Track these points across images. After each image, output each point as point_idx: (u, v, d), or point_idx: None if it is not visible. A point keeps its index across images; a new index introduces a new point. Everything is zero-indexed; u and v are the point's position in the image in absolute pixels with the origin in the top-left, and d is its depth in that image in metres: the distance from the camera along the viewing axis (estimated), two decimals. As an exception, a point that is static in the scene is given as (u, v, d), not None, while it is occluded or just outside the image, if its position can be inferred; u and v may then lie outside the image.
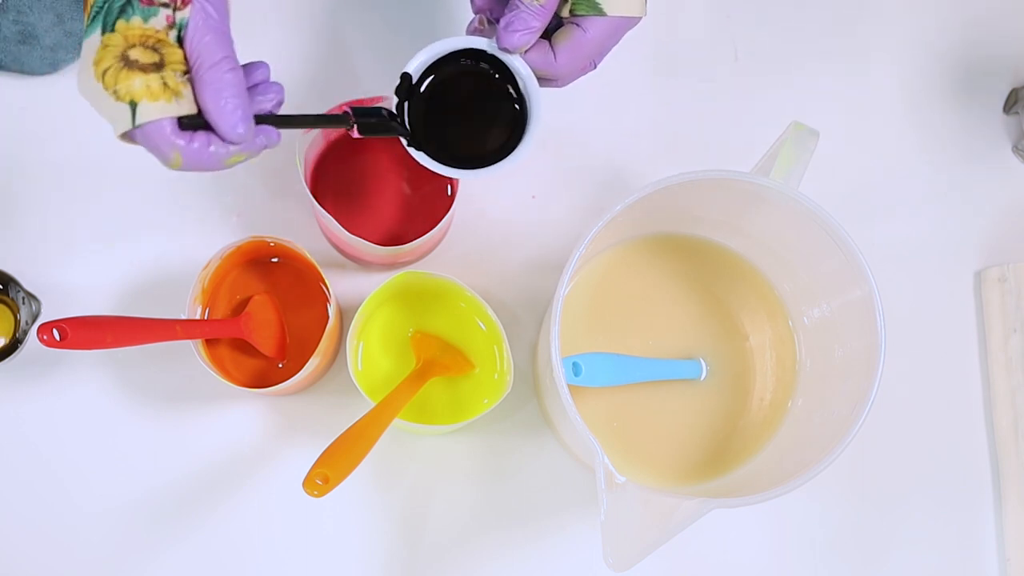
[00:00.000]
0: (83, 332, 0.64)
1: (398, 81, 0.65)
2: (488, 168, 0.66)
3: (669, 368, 0.74)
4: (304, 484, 0.59)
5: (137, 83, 0.52)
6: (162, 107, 0.53)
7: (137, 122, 0.52)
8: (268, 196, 0.81)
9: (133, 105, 0.52)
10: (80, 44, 0.79)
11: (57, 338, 0.63)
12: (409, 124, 0.65)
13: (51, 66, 0.80)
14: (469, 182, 0.78)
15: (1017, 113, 0.86)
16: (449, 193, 0.79)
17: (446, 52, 0.66)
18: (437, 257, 0.81)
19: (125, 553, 0.77)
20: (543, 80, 0.65)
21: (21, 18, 0.77)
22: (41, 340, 0.63)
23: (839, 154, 0.84)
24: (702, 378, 0.75)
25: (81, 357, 0.79)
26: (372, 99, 0.70)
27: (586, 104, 0.84)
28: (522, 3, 0.61)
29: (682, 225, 0.75)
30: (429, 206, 0.79)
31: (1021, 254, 0.85)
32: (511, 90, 0.66)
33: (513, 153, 0.66)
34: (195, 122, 0.54)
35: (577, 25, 0.63)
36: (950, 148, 0.87)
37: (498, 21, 0.63)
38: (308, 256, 0.73)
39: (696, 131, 0.85)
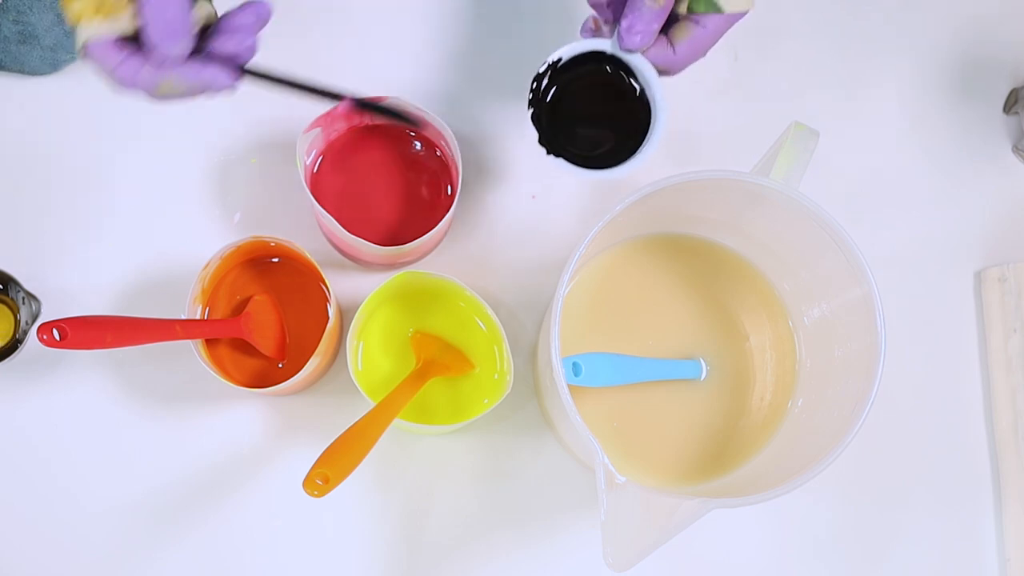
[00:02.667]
0: (83, 332, 0.65)
1: (529, 95, 0.68)
2: (623, 165, 0.68)
3: (669, 368, 0.74)
4: (304, 484, 0.59)
5: (77, 5, 0.54)
6: (98, 25, 0.54)
7: (78, 44, 0.55)
8: (268, 196, 0.81)
9: (75, 26, 0.55)
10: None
11: (57, 338, 0.63)
12: (540, 132, 0.67)
13: (51, 66, 0.80)
14: (468, 182, 0.78)
15: (1017, 113, 0.86)
16: (448, 193, 0.79)
17: (569, 57, 0.67)
18: (437, 257, 0.81)
19: (125, 553, 0.77)
20: (659, 72, 0.67)
21: (21, 18, 0.77)
22: (41, 340, 0.63)
23: (839, 154, 0.84)
24: (702, 378, 0.75)
25: (81, 357, 0.79)
26: (376, 98, 0.71)
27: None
28: (643, 4, 0.62)
29: (682, 225, 0.75)
30: (429, 206, 0.79)
31: (1021, 254, 0.85)
32: (633, 86, 0.68)
33: (643, 148, 0.68)
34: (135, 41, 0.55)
35: (696, 22, 0.65)
36: (950, 148, 0.87)
37: (612, 21, 0.65)
38: (308, 256, 0.73)
39: (696, 131, 0.85)
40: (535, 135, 0.67)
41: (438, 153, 0.79)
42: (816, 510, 0.81)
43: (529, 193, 0.83)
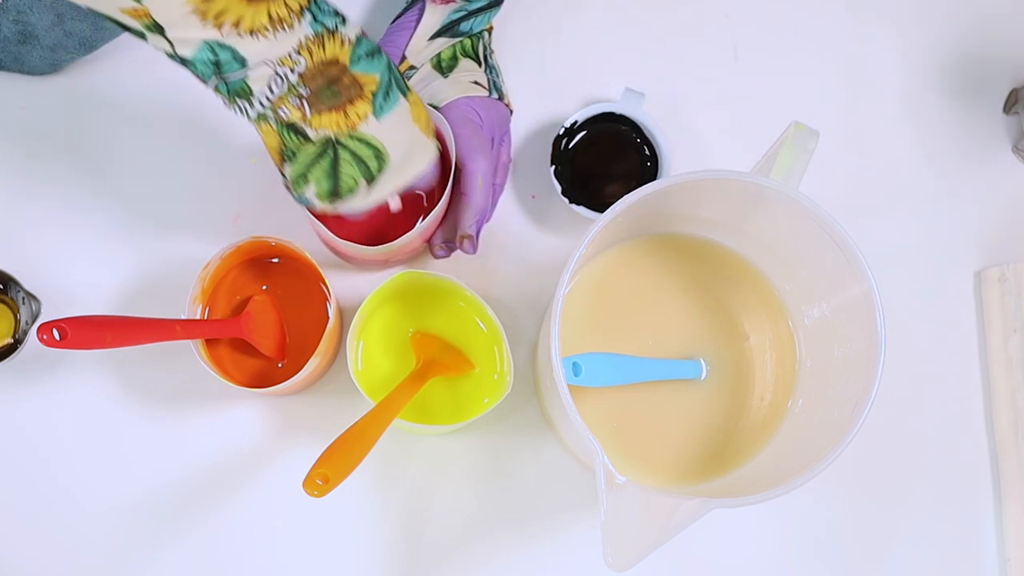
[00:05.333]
0: (83, 332, 0.65)
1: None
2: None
3: (669, 368, 0.74)
4: (304, 484, 0.59)
5: None
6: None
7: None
8: (268, 196, 0.81)
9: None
10: (80, 44, 0.79)
11: (57, 338, 0.63)
12: (562, 182, 0.79)
13: (51, 66, 0.80)
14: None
15: (1017, 113, 0.86)
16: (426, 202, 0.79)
17: (585, 118, 0.80)
18: (437, 257, 0.81)
19: (125, 553, 0.77)
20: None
21: (21, 18, 0.77)
22: (41, 340, 0.63)
23: (839, 154, 0.84)
24: (702, 378, 0.75)
25: (81, 357, 0.79)
26: None
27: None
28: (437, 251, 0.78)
29: (682, 225, 0.75)
30: (420, 203, 0.79)
31: (1021, 254, 0.85)
32: (637, 140, 0.82)
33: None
34: None
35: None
36: (950, 148, 0.87)
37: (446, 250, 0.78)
38: (308, 256, 0.73)
39: (696, 131, 0.85)
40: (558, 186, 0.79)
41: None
42: (816, 510, 0.81)
43: (529, 193, 0.83)
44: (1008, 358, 0.82)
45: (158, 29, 0.57)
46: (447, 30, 0.77)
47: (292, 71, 0.60)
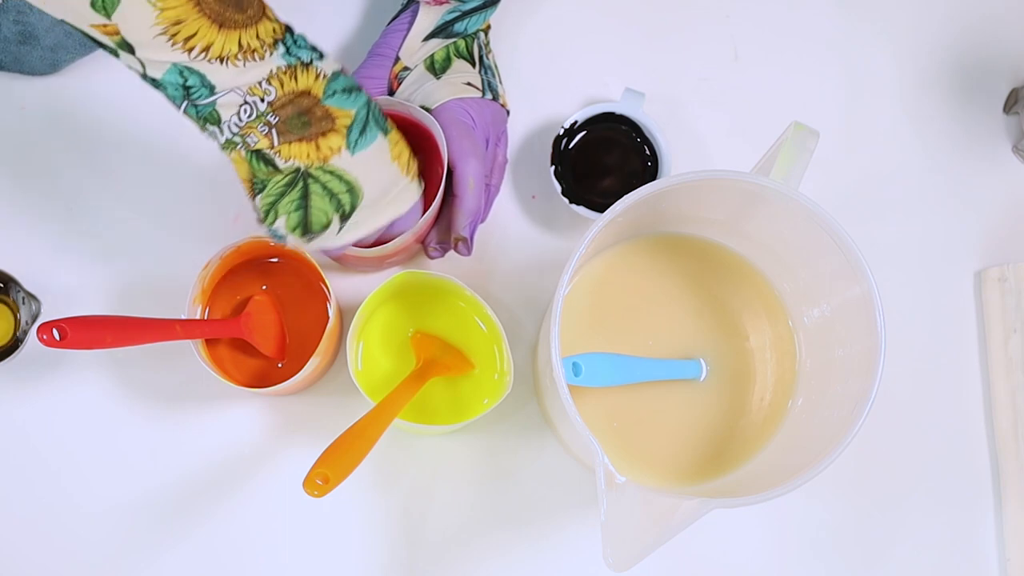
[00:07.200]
0: (83, 332, 0.65)
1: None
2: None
3: (669, 368, 0.74)
4: (304, 484, 0.59)
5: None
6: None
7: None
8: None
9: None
10: (80, 44, 0.79)
11: (57, 338, 0.63)
12: (562, 182, 0.79)
13: (51, 66, 0.80)
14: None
15: (1017, 113, 0.86)
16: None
17: (585, 118, 0.80)
18: (437, 257, 0.81)
19: (125, 553, 0.77)
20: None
21: (21, 18, 0.77)
22: (41, 340, 0.63)
23: (839, 154, 0.84)
24: (702, 378, 0.75)
25: (81, 357, 0.79)
26: None
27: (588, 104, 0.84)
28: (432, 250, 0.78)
29: (682, 225, 0.75)
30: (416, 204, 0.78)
31: (1021, 254, 0.85)
32: (638, 139, 0.81)
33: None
34: None
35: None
36: (950, 148, 0.87)
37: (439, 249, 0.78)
38: (308, 256, 0.73)
39: (696, 131, 0.85)
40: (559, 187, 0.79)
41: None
42: (816, 510, 0.81)
43: (529, 193, 0.83)
44: (1008, 358, 0.82)
45: (128, 48, 0.57)
46: (441, 31, 0.76)
47: (262, 100, 0.60)
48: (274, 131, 0.61)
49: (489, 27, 0.79)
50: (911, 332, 0.83)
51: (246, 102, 0.60)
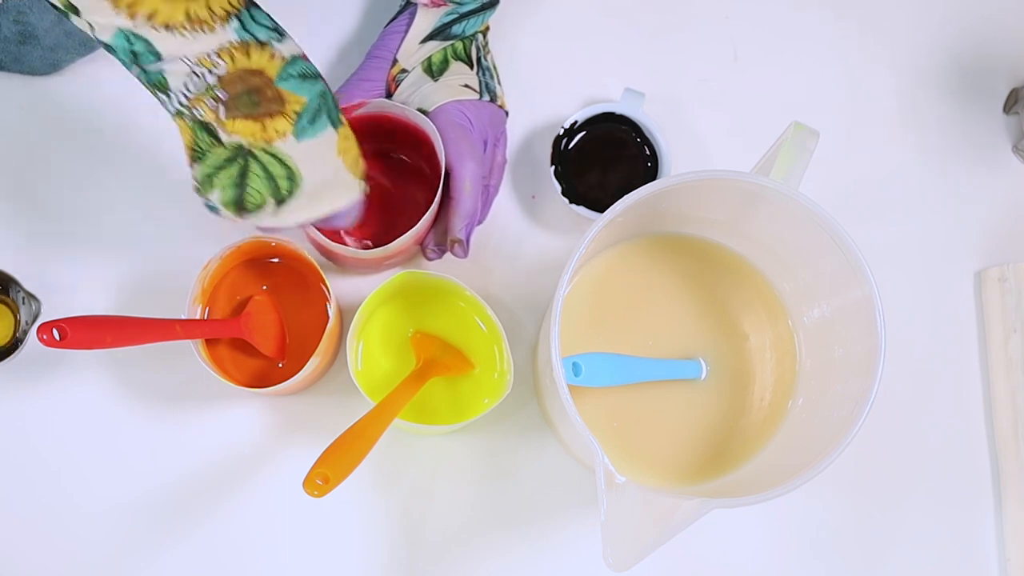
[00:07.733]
0: (83, 332, 0.65)
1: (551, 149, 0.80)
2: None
3: (669, 368, 0.74)
4: (304, 484, 0.59)
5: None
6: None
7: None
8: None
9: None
10: (80, 44, 0.79)
11: (57, 338, 0.63)
12: (562, 182, 0.79)
13: (51, 66, 0.80)
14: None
15: (1017, 113, 0.86)
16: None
17: (585, 118, 0.81)
18: (437, 257, 0.81)
19: (125, 553, 0.77)
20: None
21: (21, 18, 0.77)
22: (41, 340, 0.63)
23: (839, 154, 0.84)
24: (702, 378, 0.75)
25: (81, 357, 0.79)
26: (354, 105, 0.74)
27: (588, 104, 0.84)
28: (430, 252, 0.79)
29: (682, 225, 0.75)
30: (414, 206, 0.78)
31: (1021, 254, 0.85)
32: (638, 139, 0.81)
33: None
34: None
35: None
36: (950, 148, 0.87)
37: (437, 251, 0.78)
38: (308, 256, 0.73)
39: (696, 131, 0.85)
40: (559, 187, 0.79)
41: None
42: (816, 510, 0.81)
43: (529, 193, 0.83)
44: (1008, 358, 0.82)
45: (73, 10, 0.58)
46: (439, 33, 0.76)
47: (210, 71, 0.60)
48: (222, 106, 0.61)
49: (488, 29, 0.79)
50: (911, 332, 0.83)
51: (194, 72, 0.60)
